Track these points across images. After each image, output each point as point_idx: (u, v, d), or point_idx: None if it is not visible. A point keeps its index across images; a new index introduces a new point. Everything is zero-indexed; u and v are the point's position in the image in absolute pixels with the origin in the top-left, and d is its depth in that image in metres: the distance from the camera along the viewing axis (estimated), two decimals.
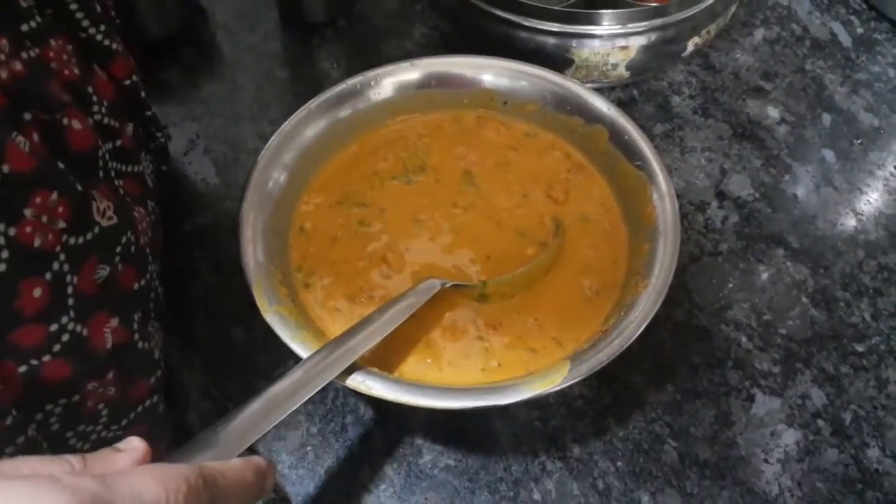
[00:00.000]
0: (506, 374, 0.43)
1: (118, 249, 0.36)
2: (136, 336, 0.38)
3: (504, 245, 0.49)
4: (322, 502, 0.45)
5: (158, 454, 0.30)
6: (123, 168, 0.43)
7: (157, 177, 0.51)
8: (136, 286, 0.38)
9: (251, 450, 0.46)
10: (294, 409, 0.37)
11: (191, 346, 0.51)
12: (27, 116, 0.31)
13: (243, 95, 0.65)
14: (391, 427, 0.47)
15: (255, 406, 0.35)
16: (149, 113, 0.49)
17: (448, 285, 0.45)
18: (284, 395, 0.37)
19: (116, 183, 0.40)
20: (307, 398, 0.37)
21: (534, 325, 0.45)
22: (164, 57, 0.68)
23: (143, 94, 0.48)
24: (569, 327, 0.44)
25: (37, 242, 0.30)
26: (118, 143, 0.42)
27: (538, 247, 0.48)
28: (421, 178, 0.52)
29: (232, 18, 0.72)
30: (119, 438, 0.30)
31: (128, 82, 0.45)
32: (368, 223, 0.50)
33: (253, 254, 0.44)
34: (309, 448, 0.47)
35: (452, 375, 0.43)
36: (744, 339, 0.51)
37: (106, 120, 0.40)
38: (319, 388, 0.38)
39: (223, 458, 0.32)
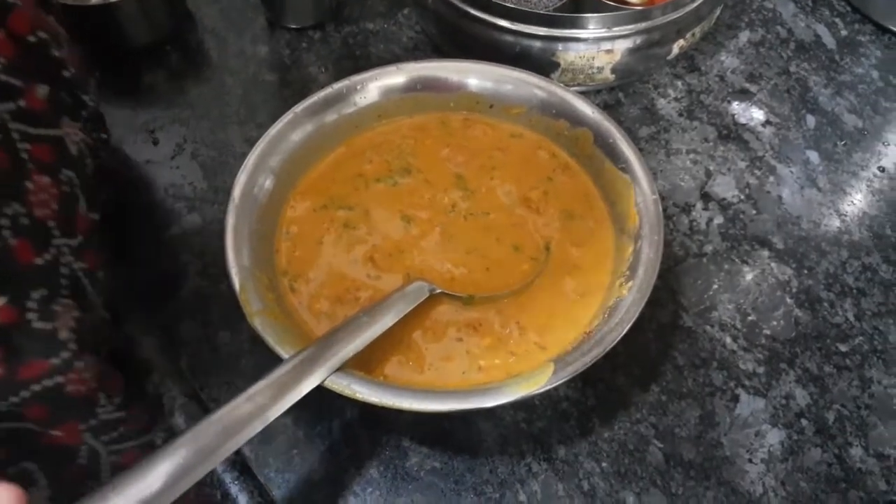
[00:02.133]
0: (487, 377, 0.43)
1: (4, 221, 0.35)
2: (32, 315, 0.36)
3: (489, 246, 0.49)
4: None
5: (73, 434, 0.29)
6: (32, 131, 0.40)
7: (95, 146, 0.49)
8: (35, 261, 0.37)
9: (237, 453, 0.46)
10: (277, 416, 0.37)
11: (177, 350, 0.51)
12: None
13: (231, 99, 0.66)
14: (377, 430, 0.48)
15: (236, 407, 0.35)
16: (67, 74, 0.46)
17: (437, 292, 0.45)
18: (269, 399, 0.37)
19: (21, 146, 0.38)
20: (293, 403, 0.37)
21: (515, 328, 0.45)
22: (152, 61, 0.68)
23: (58, 53, 0.44)
24: (552, 331, 0.45)
25: None
26: (22, 103, 0.39)
27: (525, 252, 0.49)
28: (406, 180, 0.52)
29: (220, 23, 0.72)
30: (10, 414, 0.29)
31: (32, 38, 0.41)
32: (354, 226, 0.50)
33: (238, 258, 0.44)
34: (295, 452, 0.47)
35: (434, 378, 0.43)
36: (728, 339, 0.52)
37: (3, 78, 0.38)
38: (303, 394, 0.38)
39: (200, 463, 0.32)
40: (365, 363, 0.43)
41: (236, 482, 0.45)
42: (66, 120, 0.43)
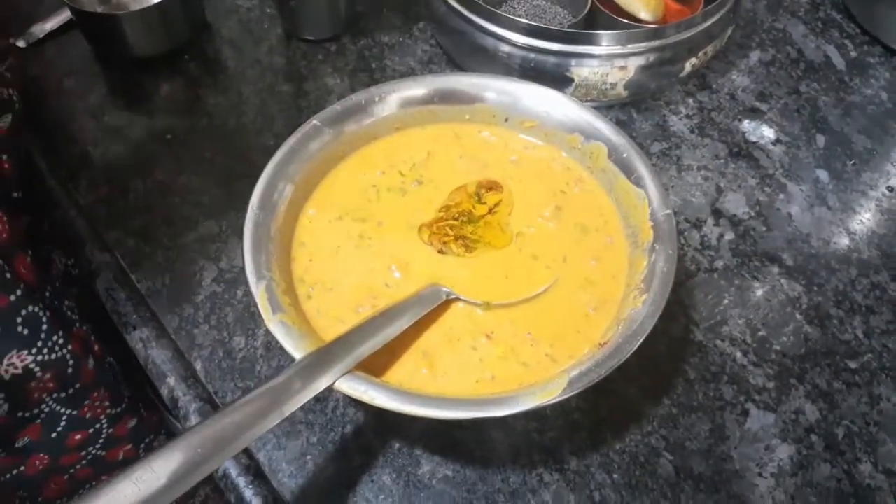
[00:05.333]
0: (499, 387, 0.43)
1: None
2: None
3: (509, 254, 0.49)
4: None
5: None
6: None
7: None
8: None
9: (249, 455, 0.47)
10: (292, 411, 0.37)
11: (192, 355, 0.51)
12: None
13: (247, 109, 0.66)
14: (390, 437, 0.48)
15: (249, 404, 0.36)
16: None
17: (452, 297, 0.46)
18: (285, 394, 0.37)
19: None
20: (307, 401, 0.38)
21: (527, 339, 0.46)
22: (170, 70, 0.69)
23: None
24: (564, 343, 0.45)
25: None
26: None
27: (542, 260, 0.49)
28: (418, 190, 0.53)
29: (237, 34, 0.73)
30: None
31: None
32: (369, 236, 0.50)
33: (257, 263, 0.44)
34: (309, 457, 0.47)
35: (447, 386, 0.44)
36: (739, 354, 0.52)
37: None
38: (318, 391, 0.38)
39: (215, 454, 0.32)
40: (379, 369, 0.43)
41: (250, 486, 0.46)
42: None
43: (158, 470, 0.31)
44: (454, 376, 0.44)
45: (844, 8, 0.78)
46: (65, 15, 0.72)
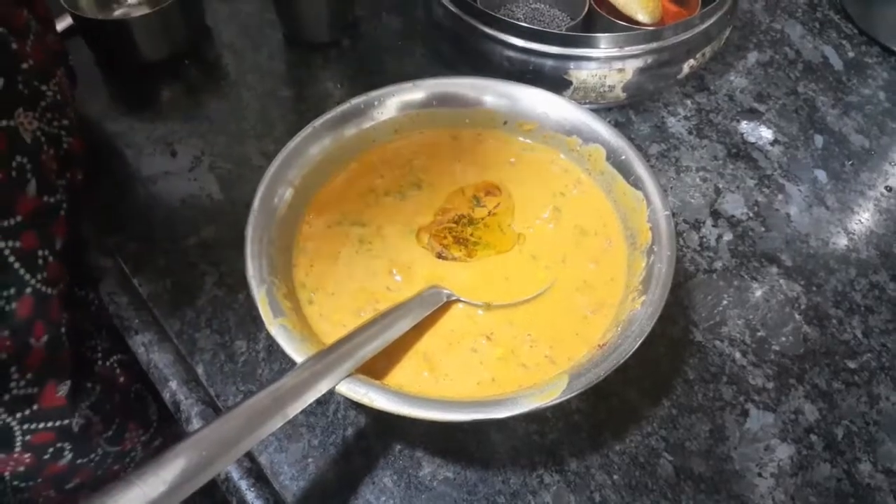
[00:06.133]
0: (500, 388, 0.44)
1: None
2: None
3: (501, 257, 0.50)
4: None
5: None
6: None
7: (56, 133, 0.51)
8: None
9: (251, 458, 0.47)
10: (295, 414, 0.37)
11: (194, 358, 0.51)
12: None
13: (248, 114, 0.67)
14: (391, 440, 0.48)
15: (252, 407, 0.36)
16: (25, 66, 0.48)
17: (453, 298, 0.46)
18: (289, 396, 0.37)
19: None
20: (308, 404, 0.38)
21: (527, 340, 0.46)
22: (171, 75, 0.70)
23: (15, 46, 0.46)
24: (564, 345, 0.45)
25: None
26: None
27: (542, 261, 0.50)
28: (416, 194, 0.53)
29: (237, 38, 0.73)
30: None
31: None
32: (369, 240, 0.51)
33: (258, 267, 0.44)
34: (310, 460, 0.47)
35: (448, 388, 0.44)
36: (738, 354, 0.52)
37: None
38: (322, 393, 0.38)
39: (221, 456, 0.33)
40: (381, 372, 0.44)
41: (252, 489, 0.46)
42: (20, 110, 0.45)
43: (164, 473, 0.32)
44: (455, 378, 0.44)
45: (842, 9, 0.78)
46: (66, 21, 0.72)
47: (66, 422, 0.50)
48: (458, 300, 0.47)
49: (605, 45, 0.61)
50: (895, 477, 0.48)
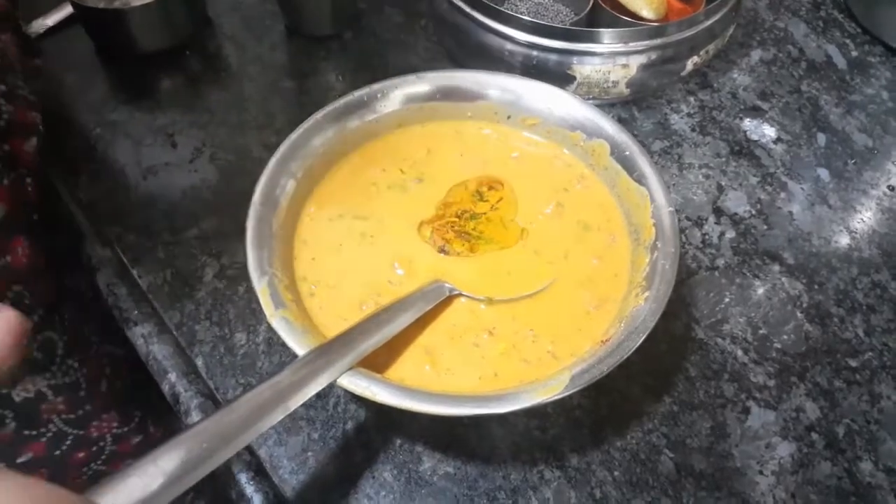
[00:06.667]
0: (502, 383, 0.43)
1: None
2: None
3: (503, 251, 0.50)
4: None
5: None
6: None
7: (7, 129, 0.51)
8: None
9: (250, 451, 0.47)
10: (296, 407, 0.37)
11: (193, 350, 0.51)
12: None
13: (249, 105, 0.66)
14: (391, 434, 0.48)
15: (253, 400, 0.35)
16: None
17: (455, 293, 0.46)
18: (290, 389, 0.37)
19: None
20: (309, 397, 0.37)
21: (529, 335, 0.46)
22: (172, 66, 0.69)
23: None
24: (566, 340, 0.45)
25: None
26: None
27: (544, 256, 0.49)
28: (418, 188, 0.53)
29: (239, 30, 0.73)
30: None
31: None
32: (371, 234, 0.50)
33: (259, 258, 0.44)
34: (310, 453, 0.47)
35: (450, 382, 0.44)
36: (739, 352, 0.52)
37: None
38: (322, 386, 0.38)
39: (220, 449, 0.32)
40: (382, 366, 0.43)
41: (251, 483, 0.46)
42: None
43: (163, 464, 0.31)
44: (457, 372, 0.44)
45: (846, 7, 0.78)
46: (66, 10, 0.72)
47: (6, 391, 0.49)
48: (459, 294, 0.47)
49: (608, 41, 0.61)
50: None
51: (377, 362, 0.43)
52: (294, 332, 0.41)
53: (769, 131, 0.66)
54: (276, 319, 0.42)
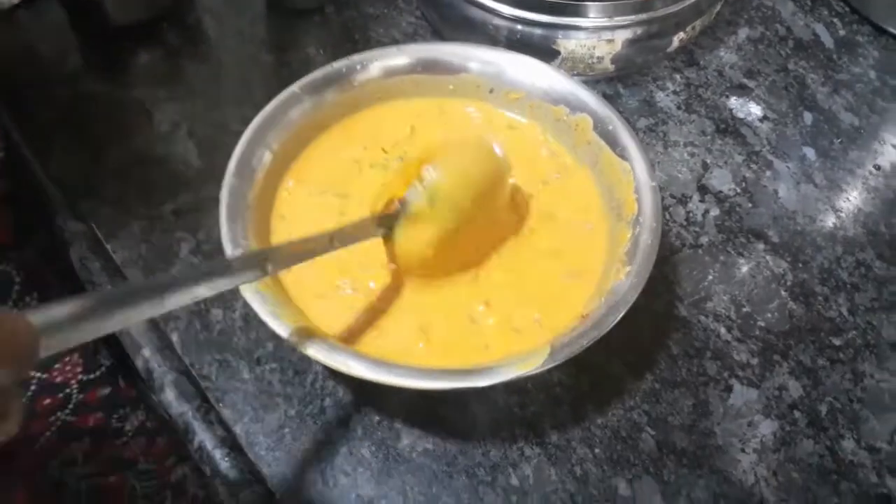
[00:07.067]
0: (493, 356, 0.43)
1: None
2: None
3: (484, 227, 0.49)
4: (299, 485, 0.45)
5: None
6: None
7: None
8: None
9: (225, 428, 0.46)
10: (206, 296, 0.34)
11: (168, 326, 0.50)
12: None
13: (228, 79, 0.65)
14: (369, 411, 0.47)
15: (164, 278, 0.33)
16: None
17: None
18: (204, 276, 0.34)
19: None
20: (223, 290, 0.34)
21: (517, 302, 0.45)
22: (149, 39, 0.67)
23: None
24: (549, 309, 0.44)
25: None
26: None
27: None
28: (400, 167, 0.52)
29: (219, 3, 0.71)
30: None
31: None
32: (350, 213, 0.49)
33: (232, 230, 0.43)
34: (286, 430, 0.46)
35: (443, 358, 0.43)
36: (723, 330, 0.52)
37: None
38: (240, 283, 0.36)
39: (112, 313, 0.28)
40: (374, 347, 0.43)
41: (226, 459, 0.45)
42: None
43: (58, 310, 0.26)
44: (451, 349, 0.44)
45: None
46: None
47: None
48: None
49: (594, 15, 0.60)
50: (878, 454, 0.47)
51: (368, 342, 0.43)
52: (268, 306, 0.41)
53: (755, 109, 0.66)
54: (249, 292, 0.41)
